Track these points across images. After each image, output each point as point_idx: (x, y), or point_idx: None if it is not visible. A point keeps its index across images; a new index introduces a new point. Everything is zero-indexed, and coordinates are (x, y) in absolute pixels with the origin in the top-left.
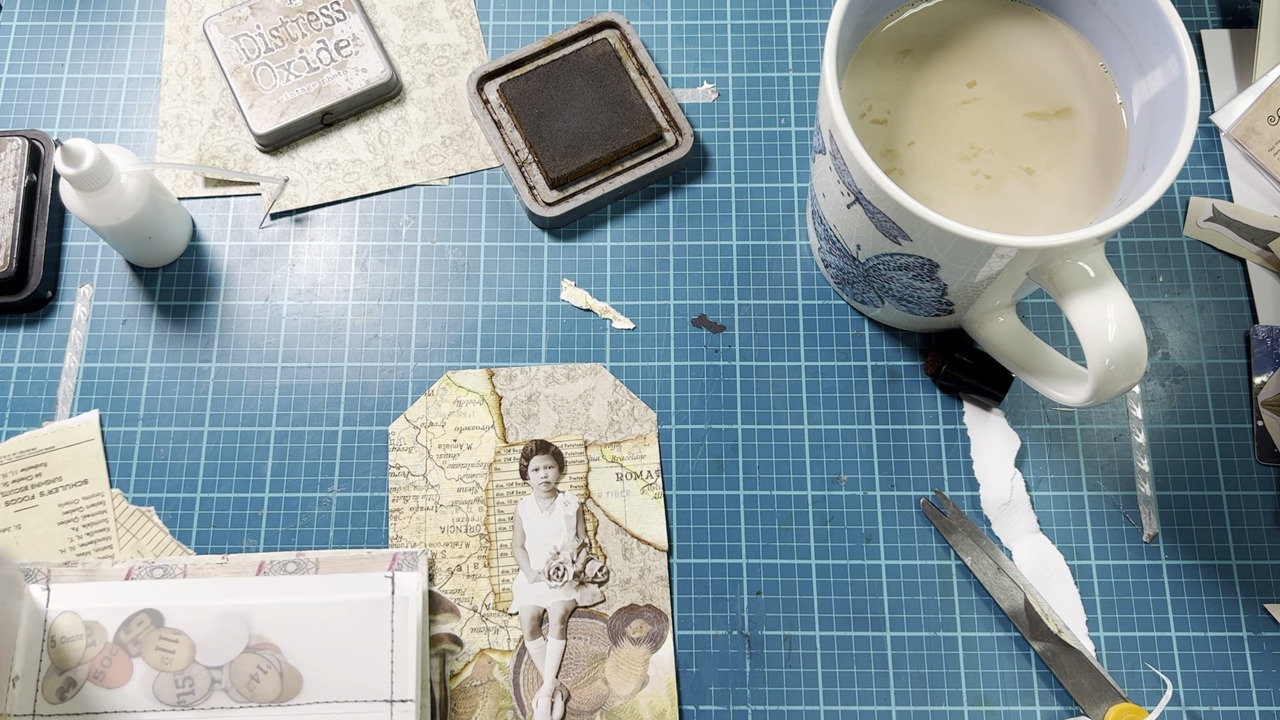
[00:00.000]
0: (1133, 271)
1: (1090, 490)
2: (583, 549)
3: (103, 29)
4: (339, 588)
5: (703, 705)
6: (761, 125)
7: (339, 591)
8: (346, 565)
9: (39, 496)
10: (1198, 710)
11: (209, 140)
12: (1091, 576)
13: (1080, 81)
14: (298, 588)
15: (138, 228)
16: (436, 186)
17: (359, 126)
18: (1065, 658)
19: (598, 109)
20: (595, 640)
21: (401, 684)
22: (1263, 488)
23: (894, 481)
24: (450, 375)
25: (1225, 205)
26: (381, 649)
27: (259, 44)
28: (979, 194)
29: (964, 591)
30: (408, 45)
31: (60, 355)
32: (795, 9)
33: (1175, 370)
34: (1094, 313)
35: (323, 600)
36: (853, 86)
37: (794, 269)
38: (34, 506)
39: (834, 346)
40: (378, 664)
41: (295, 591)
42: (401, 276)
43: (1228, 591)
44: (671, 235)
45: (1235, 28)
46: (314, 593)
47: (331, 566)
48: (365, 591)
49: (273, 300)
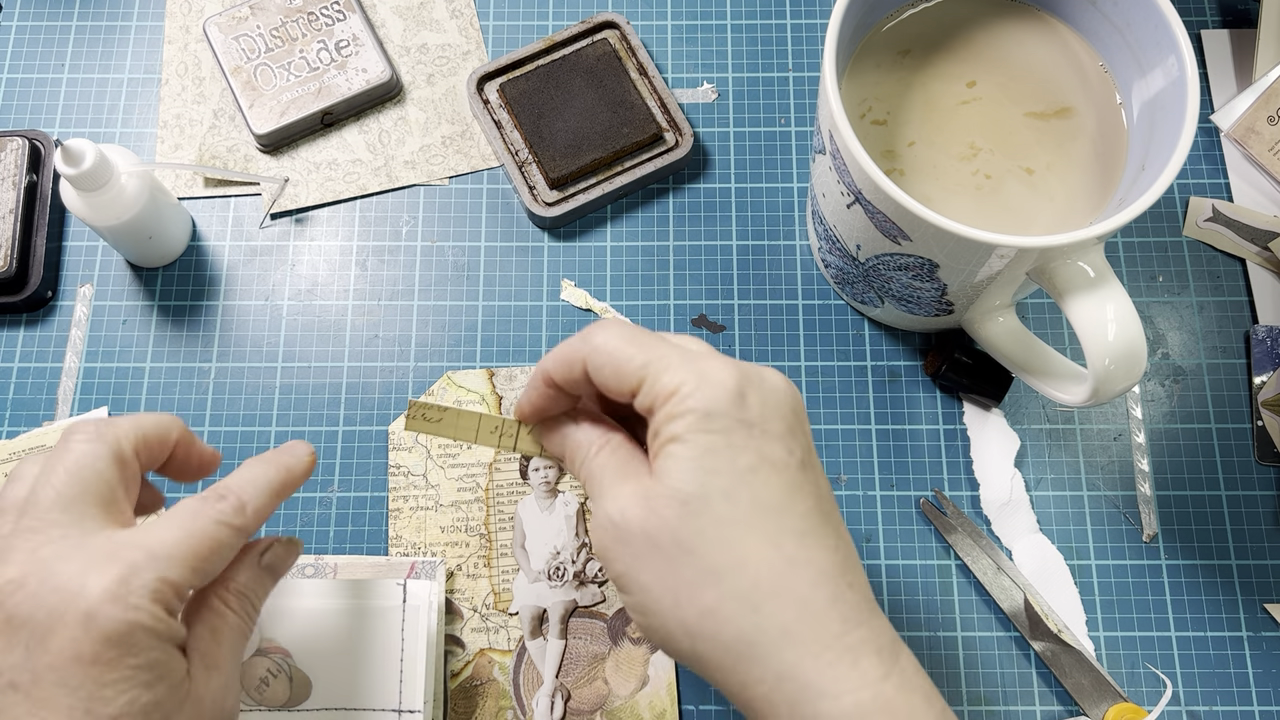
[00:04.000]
0: (1133, 271)
1: (1090, 490)
2: (583, 549)
3: (103, 29)
4: (352, 593)
5: (703, 705)
6: (761, 125)
7: (352, 597)
8: (364, 571)
9: None
10: (1198, 710)
11: (209, 140)
12: (1091, 576)
13: (1080, 81)
14: (311, 591)
15: (138, 228)
16: (436, 186)
17: (359, 126)
18: (1065, 658)
19: (598, 109)
20: (595, 640)
21: (410, 694)
22: (1262, 488)
23: (894, 481)
24: (450, 375)
25: (1225, 205)
26: (391, 657)
27: (259, 44)
28: (979, 194)
29: (964, 591)
30: (408, 45)
31: (60, 355)
32: (795, 9)
33: (1175, 370)
34: (1094, 313)
35: (335, 605)
36: (853, 86)
37: (794, 269)
38: None
39: (834, 346)
40: (387, 672)
41: (308, 595)
42: (401, 276)
43: (1228, 591)
44: (671, 235)
45: (1235, 28)
46: (327, 597)
47: (350, 572)
48: (377, 598)
49: (273, 300)
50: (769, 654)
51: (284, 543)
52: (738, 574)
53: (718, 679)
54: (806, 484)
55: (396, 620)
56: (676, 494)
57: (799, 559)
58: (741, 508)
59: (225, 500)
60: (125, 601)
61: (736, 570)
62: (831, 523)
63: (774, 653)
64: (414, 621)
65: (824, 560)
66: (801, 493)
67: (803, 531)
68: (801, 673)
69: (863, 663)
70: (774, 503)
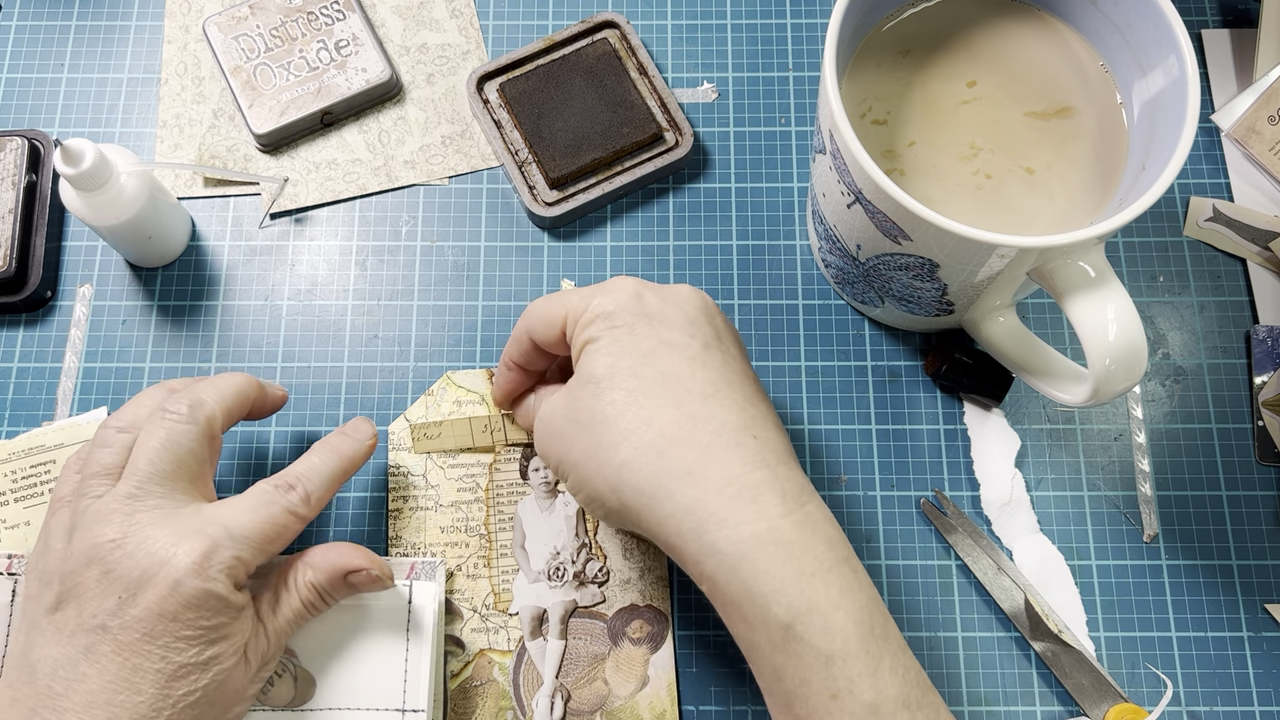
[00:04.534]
0: (1133, 271)
1: (1090, 490)
2: (583, 549)
3: (102, 29)
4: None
5: (703, 705)
6: (761, 125)
7: (356, 597)
8: None
9: (48, 493)
10: (1198, 710)
11: (209, 140)
12: (1092, 576)
13: (1080, 81)
14: None
15: (137, 227)
16: (436, 186)
17: (359, 126)
18: (1065, 658)
19: (598, 109)
20: (595, 640)
21: (414, 693)
22: (1263, 488)
23: (894, 481)
24: (450, 375)
25: (1225, 205)
26: (395, 657)
27: (259, 44)
28: (979, 194)
29: (964, 591)
30: (407, 45)
31: (60, 355)
32: (795, 9)
33: (1175, 370)
34: (1094, 313)
35: (339, 605)
36: (853, 86)
37: (794, 269)
38: (42, 503)
39: (834, 346)
40: (391, 672)
41: None
42: (401, 276)
43: (1228, 591)
44: (671, 235)
45: (1235, 27)
46: None
47: None
48: (382, 598)
49: (272, 300)
50: (675, 491)
51: (377, 579)
52: (645, 430)
53: (640, 523)
54: (711, 360)
55: (401, 620)
56: (590, 378)
57: (701, 415)
58: (646, 380)
59: (294, 491)
60: (206, 574)
61: (644, 428)
62: (737, 388)
63: (679, 489)
64: (418, 622)
65: (726, 416)
66: (704, 366)
67: (705, 395)
68: (704, 505)
69: (763, 499)
70: (676, 374)
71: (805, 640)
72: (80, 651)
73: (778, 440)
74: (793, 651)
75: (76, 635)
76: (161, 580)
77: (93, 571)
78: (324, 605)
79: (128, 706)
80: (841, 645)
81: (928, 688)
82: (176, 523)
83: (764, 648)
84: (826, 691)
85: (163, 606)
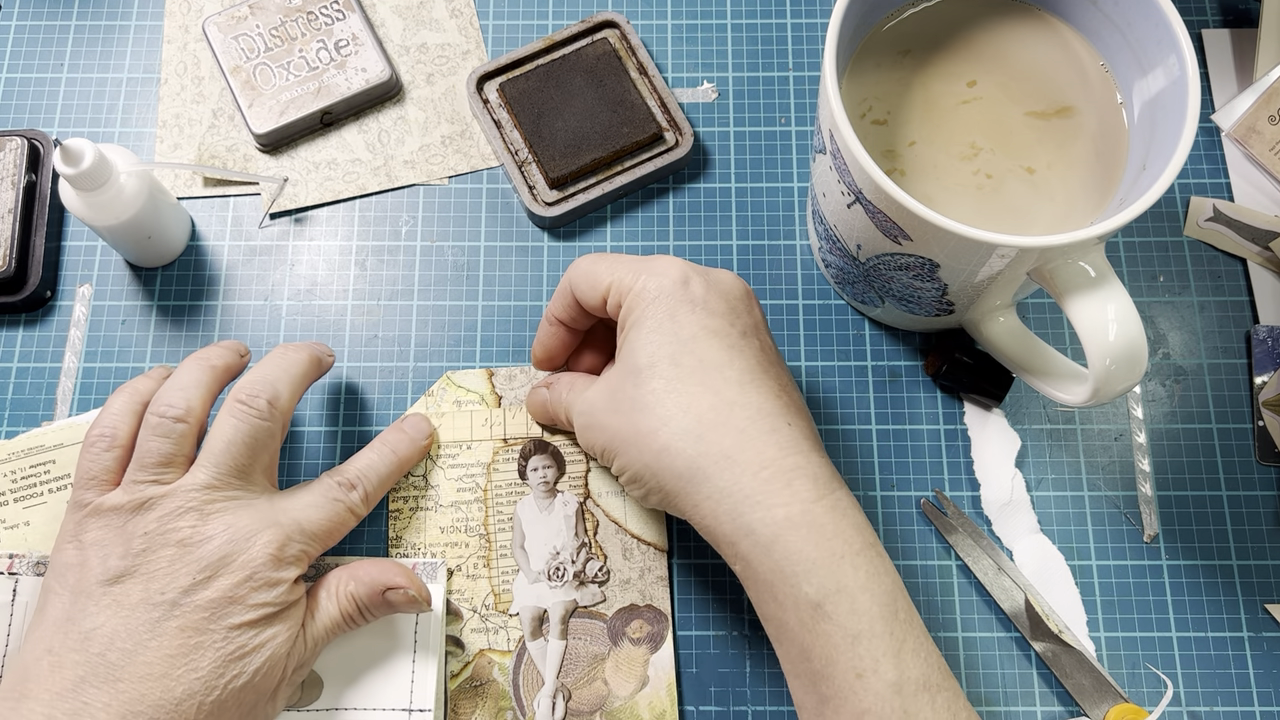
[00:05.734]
0: (1133, 271)
1: (1091, 490)
2: (583, 549)
3: (102, 29)
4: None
5: (703, 705)
6: (761, 125)
7: None
8: None
9: (47, 494)
10: (1198, 710)
11: (208, 140)
12: (1092, 576)
13: (1081, 81)
14: None
15: (137, 227)
16: (436, 186)
17: (358, 126)
18: (1066, 658)
19: (598, 109)
20: (595, 640)
21: (421, 693)
22: (1263, 488)
23: (894, 481)
24: (450, 375)
25: (1226, 205)
26: (403, 657)
27: (258, 43)
28: (980, 194)
29: (964, 592)
30: (407, 45)
31: (59, 355)
32: (795, 9)
33: (1176, 370)
34: (1094, 313)
35: None
36: (853, 86)
37: (794, 269)
38: (42, 503)
39: (834, 346)
40: (398, 672)
41: None
42: (401, 276)
43: (1228, 591)
44: (671, 235)
45: (1236, 27)
46: None
47: None
48: None
49: (272, 300)
50: (712, 474)
51: (414, 601)
52: (684, 416)
53: (678, 505)
54: (748, 348)
55: (409, 619)
56: (632, 368)
57: (738, 401)
58: (685, 368)
59: (355, 491)
60: (279, 562)
61: (682, 414)
62: (773, 376)
63: (716, 473)
64: (425, 622)
65: (762, 402)
66: (742, 354)
67: (742, 382)
68: (740, 488)
69: (796, 484)
70: (715, 361)
71: (834, 619)
72: (145, 625)
73: (808, 428)
74: (821, 631)
75: (139, 609)
76: (240, 565)
77: (166, 552)
78: (361, 620)
79: (184, 681)
80: (868, 625)
81: (947, 673)
82: (254, 513)
83: (793, 627)
84: (852, 670)
85: (235, 591)
